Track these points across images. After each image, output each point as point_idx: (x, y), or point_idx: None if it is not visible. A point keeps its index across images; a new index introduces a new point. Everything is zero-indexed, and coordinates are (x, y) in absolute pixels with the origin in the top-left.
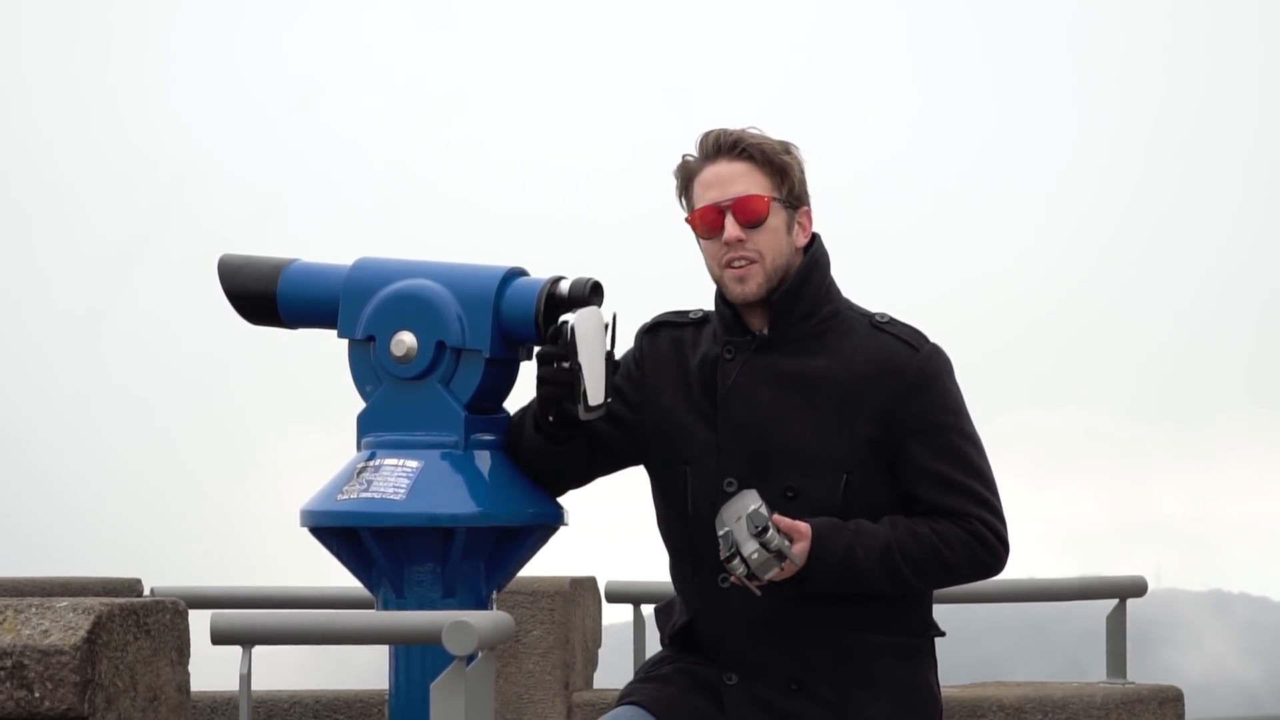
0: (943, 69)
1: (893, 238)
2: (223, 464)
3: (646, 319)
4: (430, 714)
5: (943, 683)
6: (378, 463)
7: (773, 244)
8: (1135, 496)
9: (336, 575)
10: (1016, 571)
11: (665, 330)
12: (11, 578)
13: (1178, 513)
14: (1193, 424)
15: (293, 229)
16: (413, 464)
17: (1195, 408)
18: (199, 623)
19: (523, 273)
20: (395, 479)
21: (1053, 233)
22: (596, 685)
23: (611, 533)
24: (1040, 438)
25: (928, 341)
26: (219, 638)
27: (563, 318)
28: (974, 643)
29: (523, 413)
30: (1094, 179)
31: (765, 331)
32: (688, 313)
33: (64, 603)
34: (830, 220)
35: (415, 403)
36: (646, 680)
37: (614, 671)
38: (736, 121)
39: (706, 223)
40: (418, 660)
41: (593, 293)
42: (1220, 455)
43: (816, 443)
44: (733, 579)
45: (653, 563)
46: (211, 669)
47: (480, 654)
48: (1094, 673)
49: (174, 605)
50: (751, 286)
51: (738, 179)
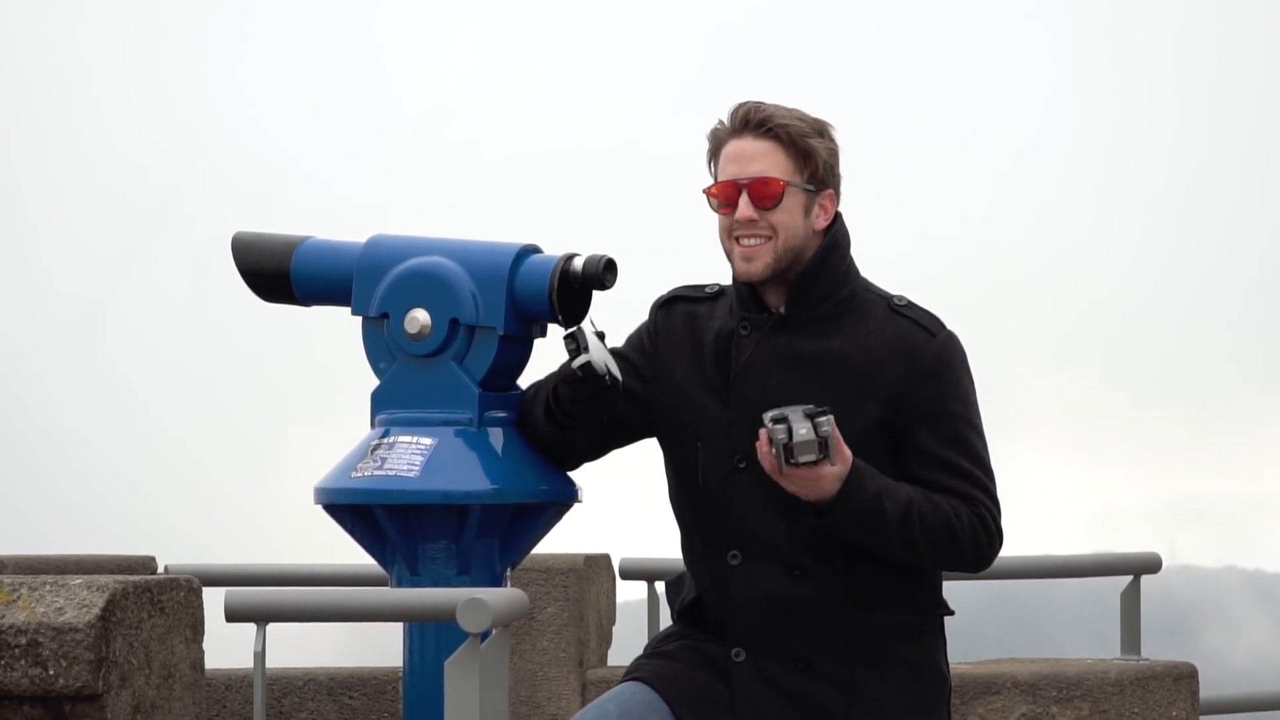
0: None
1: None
2: (236, 442)
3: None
4: (445, 691)
5: (957, 660)
6: (392, 440)
7: (785, 228)
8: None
9: (351, 553)
10: (1033, 548)
11: (680, 304)
12: (26, 555)
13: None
14: (1215, 401)
15: (302, 212)
16: (427, 441)
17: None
18: (213, 600)
19: (536, 250)
20: (409, 456)
21: (1077, 212)
22: (611, 662)
23: (626, 509)
24: (1063, 412)
25: (944, 328)
26: (233, 615)
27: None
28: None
29: (535, 391)
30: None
31: (782, 310)
32: (704, 287)
33: (78, 580)
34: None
35: (429, 380)
36: (653, 656)
37: (628, 648)
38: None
39: (722, 197)
40: (432, 638)
41: (606, 270)
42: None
43: None
44: (761, 455)
45: (667, 539)
46: (226, 646)
47: (494, 631)
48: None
49: (188, 583)
50: (758, 266)
51: (760, 158)
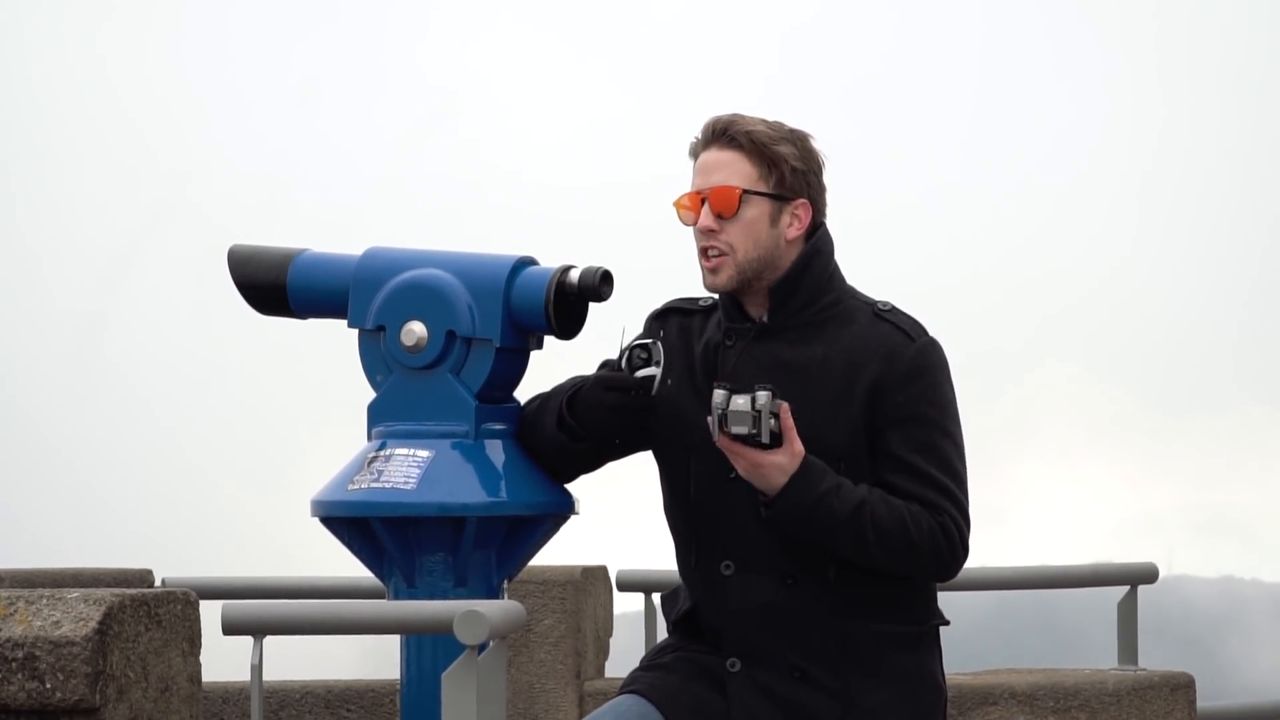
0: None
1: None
2: (234, 456)
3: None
4: (442, 704)
5: (955, 670)
6: (388, 452)
7: (746, 237)
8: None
9: (348, 565)
10: (1030, 559)
11: (674, 316)
12: (23, 569)
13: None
14: (1212, 410)
15: (299, 223)
16: (423, 453)
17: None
18: (210, 613)
19: (532, 262)
20: (406, 469)
21: (1087, 218)
22: (608, 674)
23: (623, 521)
24: (1064, 420)
25: (926, 334)
26: (230, 628)
27: (639, 341)
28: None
29: (541, 401)
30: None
31: (765, 319)
32: (697, 300)
33: (75, 594)
34: (909, 198)
35: (426, 392)
36: (648, 669)
37: (626, 660)
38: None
39: (685, 209)
40: (429, 650)
41: (603, 282)
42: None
43: (813, 431)
44: (710, 421)
45: (664, 552)
46: (223, 659)
47: (492, 643)
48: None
49: (185, 596)
50: (722, 278)
51: (720, 168)
